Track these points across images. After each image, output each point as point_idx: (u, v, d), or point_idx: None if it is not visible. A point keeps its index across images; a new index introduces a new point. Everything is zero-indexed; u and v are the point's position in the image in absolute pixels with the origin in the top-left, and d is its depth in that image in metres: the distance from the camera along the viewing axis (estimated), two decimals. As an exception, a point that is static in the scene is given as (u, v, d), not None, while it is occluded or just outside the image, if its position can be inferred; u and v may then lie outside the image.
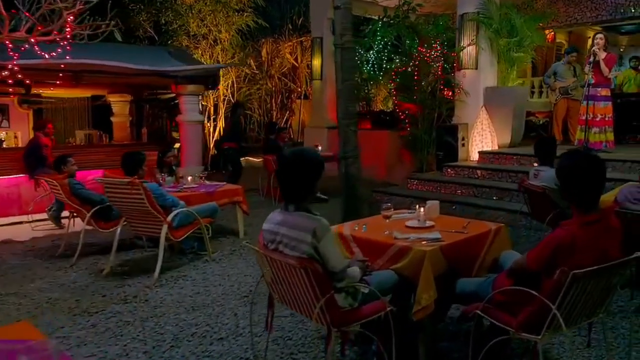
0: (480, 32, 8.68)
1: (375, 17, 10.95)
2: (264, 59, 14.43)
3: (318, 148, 8.98)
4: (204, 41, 12.66)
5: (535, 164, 5.33)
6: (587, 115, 7.27)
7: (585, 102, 7.37)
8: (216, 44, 12.78)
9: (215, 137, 13.23)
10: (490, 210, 6.86)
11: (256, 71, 14.23)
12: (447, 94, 9.07)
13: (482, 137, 8.60)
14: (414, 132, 9.09)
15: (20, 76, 5.97)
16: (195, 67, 9.23)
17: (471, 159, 8.67)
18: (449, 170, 8.34)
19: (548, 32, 11.31)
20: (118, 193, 4.77)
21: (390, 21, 10.30)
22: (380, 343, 2.79)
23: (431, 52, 8.94)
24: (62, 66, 6.59)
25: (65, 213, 6.40)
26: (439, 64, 8.95)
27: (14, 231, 6.78)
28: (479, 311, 2.59)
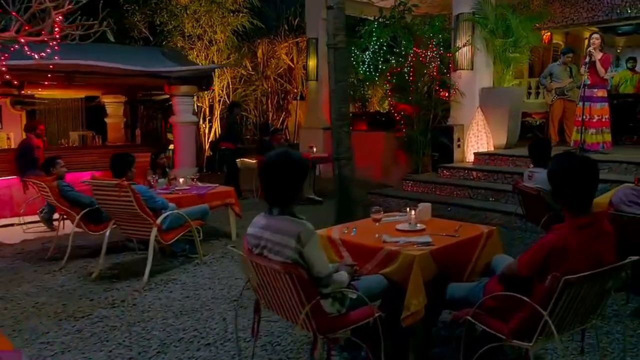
0: (476, 32, 8.62)
1: (371, 18, 10.88)
2: (259, 59, 14.33)
3: (313, 149, 8.92)
4: (200, 42, 12.58)
5: (531, 166, 5.27)
6: (583, 117, 7.24)
7: (581, 103, 7.34)
8: (211, 44, 12.70)
9: (211, 138, 13.15)
10: (485, 212, 6.80)
11: (252, 72, 14.13)
12: (443, 95, 9.02)
13: (478, 138, 8.54)
14: (409, 133, 9.05)
15: (8, 77, 5.88)
16: (188, 68, 9.15)
17: (467, 160, 8.61)
18: (444, 171, 8.28)
19: (544, 33, 11.26)
20: (106, 195, 4.70)
21: (386, 22, 10.24)
22: (369, 349, 2.72)
23: (427, 53, 8.88)
24: (51, 67, 6.49)
25: (57, 215, 6.32)
26: (435, 65, 8.90)
27: (4, 233, 6.70)
28: (469, 317, 2.53)
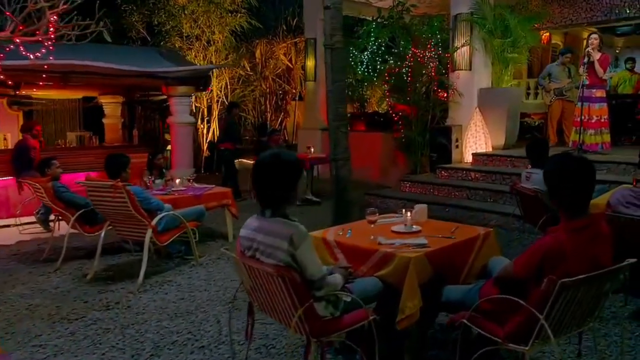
0: (474, 32, 8.59)
1: (369, 18, 10.86)
2: (258, 60, 14.28)
3: (310, 150, 8.88)
4: (197, 42, 12.53)
5: (529, 166, 5.24)
6: (581, 117, 7.21)
7: (579, 104, 7.31)
8: (209, 45, 12.66)
9: (209, 138, 13.11)
10: (483, 213, 6.77)
11: (250, 72, 14.08)
12: (441, 95, 8.98)
13: (476, 139, 8.51)
14: (407, 134, 9.02)
15: (2, 77, 5.84)
16: (185, 68, 9.09)
17: (465, 160, 8.57)
18: (442, 172, 8.25)
19: (543, 33, 11.23)
20: (101, 196, 4.67)
21: (384, 22, 10.21)
22: (364, 352, 2.69)
23: (425, 53, 8.86)
24: (46, 67, 6.44)
25: (53, 216, 6.28)
26: (433, 65, 8.87)
27: (0, 235, 6.66)
28: (465, 320, 2.49)
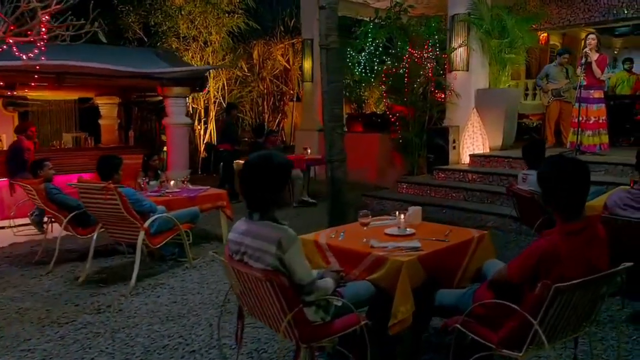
0: (471, 33, 8.54)
1: (367, 19, 10.82)
2: (255, 61, 14.24)
3: (307, 151, 8.84)
4: (194, 43, 12.49)
5: (526, 168, 5.20)
6: (579, 118, 7.17)
7: (577, 105, 7.27)
8: (206, 46, 12.61)
9: (206, 139, 13.06)
10: (480, 215, 6.73)
11: (248, 73, 14.05)
12: (439, 96, 8.94)
13: (473, 140, 8.46)
14: (404, 135, 8.97)
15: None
16: (181, 69, 9.03)
17: (462, 162, 8.52)
18: (439, 173, 8.20)
19: (541, 34, 11.19)
20: (93, 198, 4.61)
21: (382, 23, 10.18)
22: (355, 358, 2.64)
23: (422, 54, 8.81)
24: (37, 67, 6.39)
25: (46, 218, 6.23)
26: (430, 66, 8.82)
27: (-6, 236, 6.62)
28: (458, 325, 2.45)
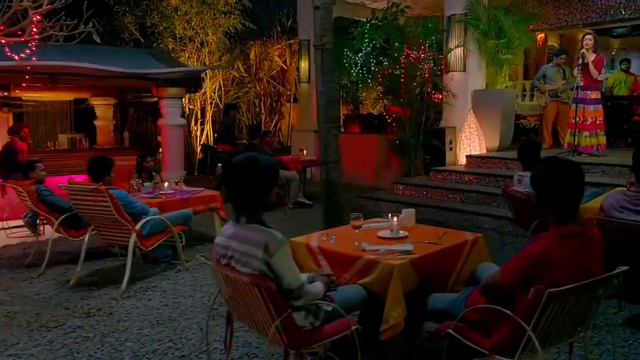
0: (468, 34, 8.50)
1: (364, 20, 10.78)
2: (252, 61, 14.18)
3: (303, 152, 8.78)
4: (191, 44, 12.44)
5: (521, 169, 5.15)
6: (576, 119, 7.14)
7: (574, 105, 7.24)
8: (203, 46, 12.56)
9: (203, 140, 13.00)
10: (477, 216, 6.68)
11: (244, 74, 13.99)
12: (436, 97, 8.89)
13: (470, 141, 8.41)
14: (401, 136, 8.92)
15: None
16: (176, 69, 8.96)
17: (459, 163, 8.48)
18: (436, 174, 8.15)
19: (539, 35, 11.15)
20: (83, 200, 4.55)
21: (379, 23, 10.13)
22: (346, 363, 2.58)
23: (419, 55, 8.77)
24: (28, 68, 6.33)
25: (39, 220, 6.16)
26: (427, 67, 8.78)
27: (-14, 238, 6.55)
28: (451, 330, 2.39)
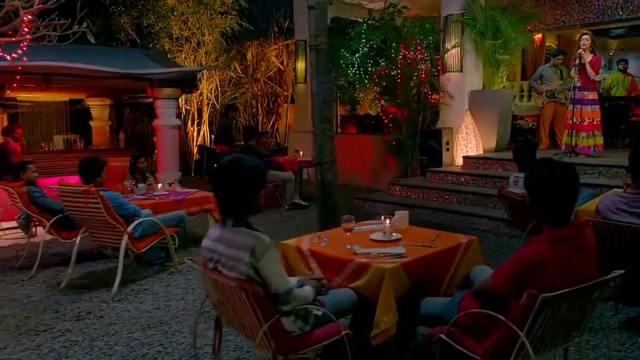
0: (465, 34, 8.46)
1: (361, 20, 10.75)
2: (249, 62, 14.13)
3: (299, 153, 8.74)
4: (187, 44, 12.39)
5: (517, 170, 5.11)
6: (573, 119, 7.10)
7: (571, 106, 7.20)
8: (199, 47, 12.51)
9: (199, 141, 12.95)
10: (473, 218, 6.64)
11: (241, 75, 13.94)
12: (433, 98, 8.84)
13: (467, 142, 8.37)
14: (398, 137, 8.88)
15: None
16: (171, 70, 8.90)
17: (456, 163, 8.43)
18: (433, 175, 8.11)
19: (536, 35, 11.12)
20: (74, 202, 4.50)
21: (376, 24, 10.09)
22: (337, 369, 2.54)
23: (416, 55, 8.72)
24: (19, 68, 6.27)
25: (32, 221, 6.12)
26: (424, 67, 8.73)
27: (-22, 240, 6.50)
28: (443, 335, 2.34)
